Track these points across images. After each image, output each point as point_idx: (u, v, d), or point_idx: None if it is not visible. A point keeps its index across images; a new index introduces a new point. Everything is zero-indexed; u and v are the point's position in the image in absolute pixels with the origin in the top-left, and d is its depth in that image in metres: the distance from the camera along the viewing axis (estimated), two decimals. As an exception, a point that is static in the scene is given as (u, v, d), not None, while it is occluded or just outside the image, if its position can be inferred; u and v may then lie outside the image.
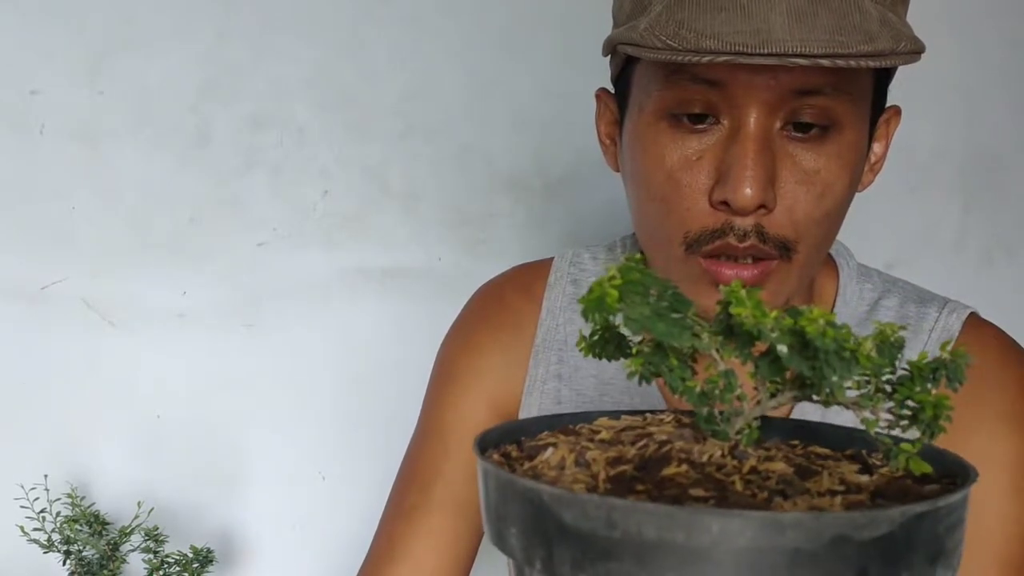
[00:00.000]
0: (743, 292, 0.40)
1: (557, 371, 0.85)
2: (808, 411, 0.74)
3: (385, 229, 1.18)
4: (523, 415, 0.86)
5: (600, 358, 0.48)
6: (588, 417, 0.52)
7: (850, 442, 0.50)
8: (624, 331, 0.47)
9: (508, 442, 0.49)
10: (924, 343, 0.78)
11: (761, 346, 0.42)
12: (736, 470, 0.43)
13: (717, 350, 0.43)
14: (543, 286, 0.87)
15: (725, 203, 0.66)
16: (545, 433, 0.50)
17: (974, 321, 0.80)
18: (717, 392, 0.43)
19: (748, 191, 0.64)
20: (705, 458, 0.43)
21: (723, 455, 0.44)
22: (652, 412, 0.52)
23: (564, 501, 0.38)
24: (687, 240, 0.68)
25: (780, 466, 0.43)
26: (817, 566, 0.36)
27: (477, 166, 1.20)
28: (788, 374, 0.42)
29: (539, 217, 1.22)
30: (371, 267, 1.18)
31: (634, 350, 0.46)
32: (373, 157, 1.17)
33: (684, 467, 0.42)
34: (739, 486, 0.41)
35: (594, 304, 0.40)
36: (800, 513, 0.37)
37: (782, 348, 0.39)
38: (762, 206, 0.66)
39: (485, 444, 0.47)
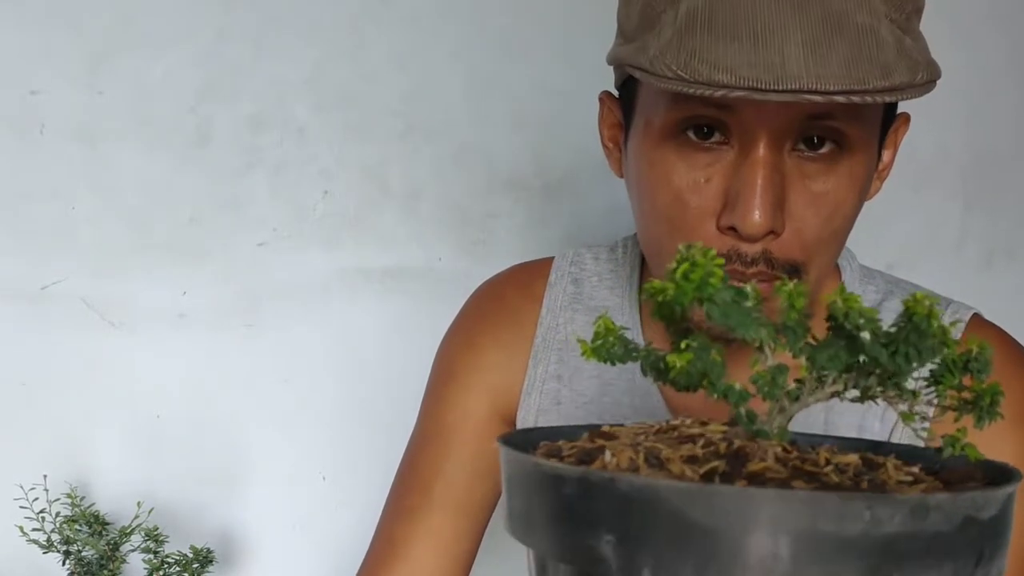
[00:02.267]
0: (791, 285, 0.41)
1: (557, 372, 0.85)
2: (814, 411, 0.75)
3: (385, 229, 1.18)
4: (522, 415, 0.86)
5: (606, 362, 0.45)
6: (584, 430, 0.49)
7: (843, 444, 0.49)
8: (628, 336, 0.45)
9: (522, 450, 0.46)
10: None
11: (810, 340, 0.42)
12: (815, 463, 0.41)
13: (771, 344, 0.42)
14: (543, 285, 0.87)
15: (733, 228, 0.65)
16: (571, 439, 0.47)
17: (977, 322, 0.80)
18: (765, 389, 0.42)
19: (757, 218, 0.64)
20: (772, 455, 0.41)
21: (786, 451, 0.42)
22: (660, 424, 0.49)
23: (691, 495, 0.35)
24: None
25: (852, 458, 0.42)
26: (951, 549, 0.36)
27: (477, 166, 1.20)
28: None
29: (539, 217, 1.22)
30: (371, 267, 1.18)
31: (683, 344, 0.43)
32: (373, 157, 1.17)
33: (768, 462, 0.40)
34: (834, 477, 0.39)
35: (695, 286, 0.38)
36: (941, 495, 0.36)
37: (866, 335, 0.39)
38: (771, 232, 0.65)
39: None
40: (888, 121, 0.72)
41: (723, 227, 0.66)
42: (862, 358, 0.40)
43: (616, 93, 0.77)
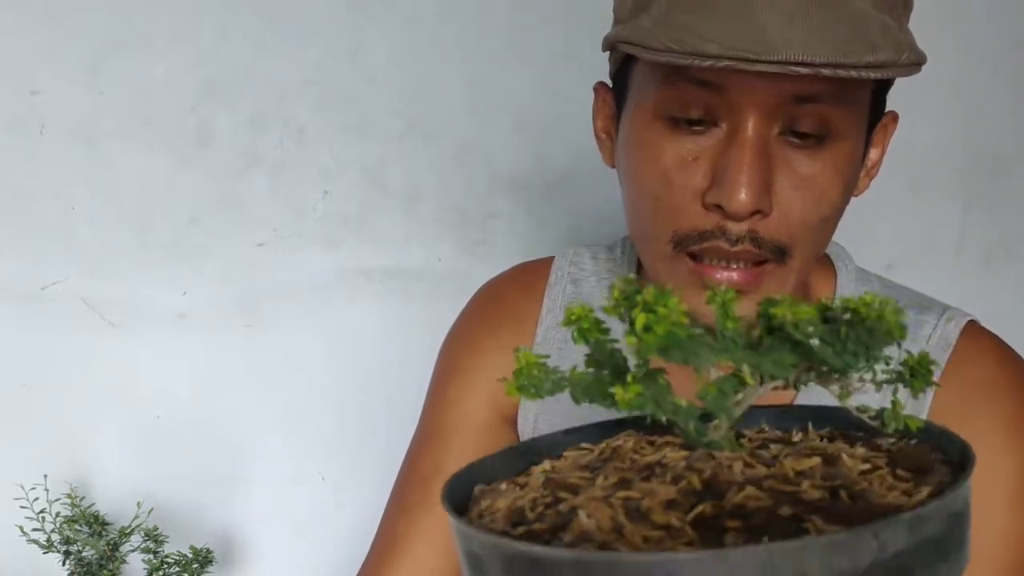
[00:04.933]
0: (730, 294, 0.40)
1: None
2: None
3: (385, 229, 1.18)
4: (522, 414, 0.86)
5: (534, 398, 0.43)
6: (549, 446, 0.48)
7: (785, 420, 0.49)
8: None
9: (469, 489, 0.44)
10: (921, 350, 0.77)
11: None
12: (785, 477, 0.40)
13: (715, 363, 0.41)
14: (544, 285, 0.88)
15: (719, 206, 0.66)
16: (518, 479, 0.45)
17: (973, 329, 0.79)
18: (714, 403, 0.42)
19: (743, 196, 0.64)
20: (740, 472, 0.41)
21: (748, 464, 0.41)
22: (608, 441, 0.48)
23: (706, 564, 0.33)
24: (675, 238, 0.68)
25: (813, 461, 0.41)
26: (943, 548, 0.35)
27: (477, 166, 1.20)
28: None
29: (539, 217, 1.22)
30: (371, 267, 1.18)
31: (631, 377, 0.42)
32: (373, 157, 1.17)
33: (747, 490, 0.38)
34: (814, 492, 0.38)
35: (660, 338, 0.38)
36: (932, 503, 0.36)
37: (815, 341, 0.39)
38: (757, 211, 0.66)
39: (454, 497, 0.42)
40: (876, 116, 0.72)
41: (709, 204, 0.66)
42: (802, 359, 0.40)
43: (610, 85, 0.77)
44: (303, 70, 1.14)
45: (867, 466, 0.41)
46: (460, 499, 0.45)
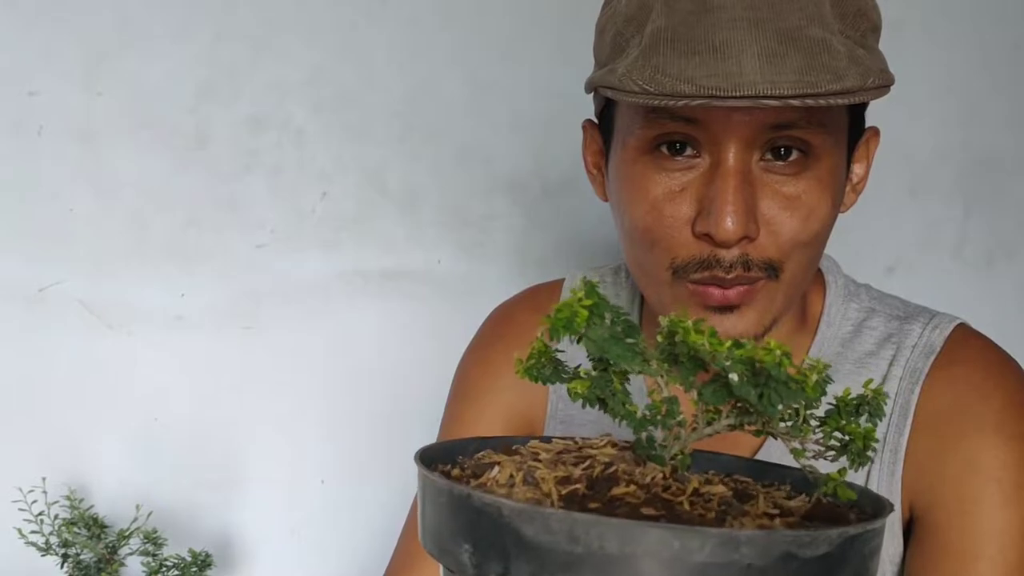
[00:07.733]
0: (690, 323, 0.42)
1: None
2: (775, 450, 0.75)
3: (384, 231, 1.18)
4: (548, 432, 0.86)
5: (536, 381, 0.48)
6: (522, 441, 0.53)
7: (764, 474, 0.52)
8: (560, 357, 0.49)
9: (444, 462, 0.49)
10: (906, 359, 0.78)
11: (704, 375, 0.44)
12: (681, 491, 0.44)
13: (663, 377, 0.44)
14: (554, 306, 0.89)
15: (708, 235, 0.68)
16: (483, 453, 0.51)
17: (962, 333, 0.80)
18: (659, 417, 0.45)
19: (730, 224, 0.66)
20: (648, 479, 0.45)
21: (664, 478, 0.45)
22: (585, 438, 0.53)
23: (525, 515, 0.39)
24: (674, 266, 0.71)
25: (720, 489, 0.45)
26: None
27: (476, 168, 1.20)
28: (729, 403, 0.44)
29: (538, 219, 1.22)
30: (370, 269, 1.18)
31: (582, 372, 0.47)
32: (372, 159, 1.17)
33: (632, 487, 0.43)
34: (686, 506, 0.42)
35: (563, 323, 0.43)
36: (753, 531, 0.39)
37: (733, 376, 0.41)
38: (745, 237, 0.68)
39: (424, 461, 0.47)
40: (856, 134, 0.74)
41: (698, 233, 0.69)
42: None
43: (597, 122, 0.79)
44: (302, 70, 1.13)
45: (777, 511, 0.44)
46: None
